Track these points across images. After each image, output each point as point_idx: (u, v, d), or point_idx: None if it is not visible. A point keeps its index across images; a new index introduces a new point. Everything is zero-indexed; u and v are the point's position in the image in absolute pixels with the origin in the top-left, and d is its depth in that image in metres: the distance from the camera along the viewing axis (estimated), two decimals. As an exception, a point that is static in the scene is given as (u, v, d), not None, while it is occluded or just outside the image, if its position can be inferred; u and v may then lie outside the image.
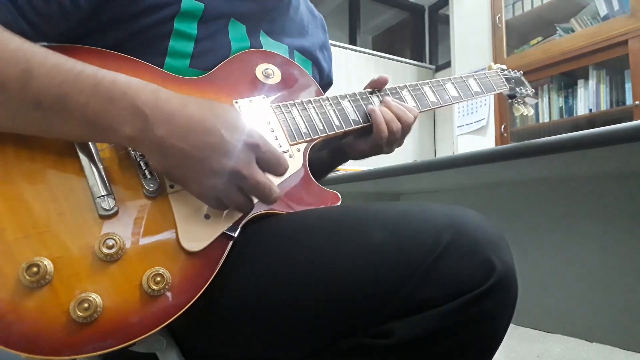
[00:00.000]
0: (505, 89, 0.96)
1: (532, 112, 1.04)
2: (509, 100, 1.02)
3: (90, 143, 0.50)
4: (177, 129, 0.47)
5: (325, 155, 0.84)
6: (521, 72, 1.04)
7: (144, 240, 0.49)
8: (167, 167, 0.49)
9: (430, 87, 0.81)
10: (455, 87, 0.84)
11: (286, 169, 0.53)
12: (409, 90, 0.78)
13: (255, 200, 0.53)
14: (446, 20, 3.65)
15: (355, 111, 0.70)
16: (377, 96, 0.74)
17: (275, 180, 0.58)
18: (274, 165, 0.52)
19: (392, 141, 0.73)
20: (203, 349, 0.54)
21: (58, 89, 0.45)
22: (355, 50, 3.59)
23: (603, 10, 2.54)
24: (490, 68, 0.99)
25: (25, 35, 0.48)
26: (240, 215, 0.54)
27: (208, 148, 0.48)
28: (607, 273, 1.44)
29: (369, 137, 0.73)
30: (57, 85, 0.46)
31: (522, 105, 1.02)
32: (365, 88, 0.77)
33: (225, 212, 0.53)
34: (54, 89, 0.45)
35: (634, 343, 1.39)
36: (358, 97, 0.72)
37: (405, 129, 0.73)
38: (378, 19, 4.63)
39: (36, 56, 0.46)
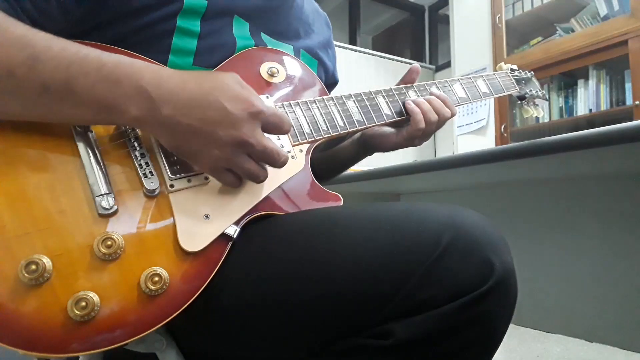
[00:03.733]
0: (514, 91, 0.93)
1: (542, 113, 1.02)
2: (519, 102, 0.99)
3: (92, 141, 0.50)
4: (181, 106, 0.48)
5: (350, 147, 0.85)
6: (532, 72, 1.00)
7: (142, 240, 0.49)
8: (176, 144, 0.50)
9: (437, 87, 0.80)
10: (463, 87, 0.83)
11: (290, 126, 0.55)
12: (415, 90, 0.77)
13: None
14: (446, 20, 3.65)
15: (359, 111, 0.70)
16: (383, 96, 0.74)
17: (278, 181, 0.58)
18: (278, 125, 0.53)
19: (429, 133, 0.75)
20: (202, 349, 0.54)
21: (65, 72, 0.46)
22: (355, 50, 3.59)
23: (603, 10, 2.54)
24: (500, 68, 0.96)
25: None
26: (242, 213, 0.54)
27: (213, 121, 0.49)
28: (607, 273, 1.44)
29: (403, 130, 0.75)
30: (64, 69, 0.46)
31: (532, 106, 0.99)
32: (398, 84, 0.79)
33: (225, 212, 0.53)
34: (60, 73, 0.46)
35: (634, 343, 1.39)
36: (363, 97, 0.72)
37: (442, 121, 0.75)
38: (378, 19, 4.63)
39: (42, 41, 0.46)
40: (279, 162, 0.53)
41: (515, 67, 0.98)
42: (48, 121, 0.49)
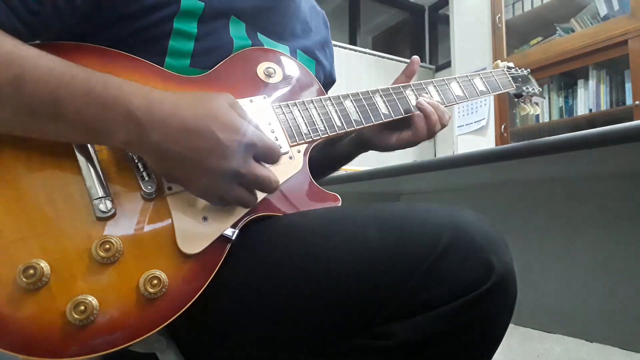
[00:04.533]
0: (511, 89, 0.93)
1: (538, 111, 1.01)
2: (515, 99, 0.99)
3: (89, 145, 0.50)
4: (171, 133, 0.47)
5: (347, 145, 0.85)
6: (528, 70, 1.00)
7: (141, 243, 0.49)
8: (165, 169, 0.49)
9: (434, 86, 0.80)
10: (460, 86, 0.83)
11: (280, 156, 0.53)
12: (412, 89, 0.77)
13: (259, 197, 0.54)
14: (446, 20, 3.64)
15: (357, 111, 0.70)
16: (380, 95, 0.74)
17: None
18: (270, 156, 0.52)
19: (431, 134, 0.75)
20: (202, 350, 0.54)
21: (51, 94, 0.45)
22: (355, 50, 3.58)
23: (603, 10, 2.53)
24: (497, 66, 0.96)
25: (20, 34, 0.48)
26: (240, 215, 0.54)
27: (204, 150, 0.48)
28: (607, 273, 1.44)
29: (404, 131, 0.75)
30: (51, 91, 0.45)
31: (529, 104, 0.99)
32: (394, 83, 0.79)
33: (224, 214, 0.53)
34: (47, 94, 0.45)
35: (634, 343, 1.39)
36: (360, 96, 0.71)
37: (443, 123, 0.76)
38: (378, 19, 4.63)
39: (29, 60, 0.46)
40: (270, 188, 0.52)
41: (511, 64, 0.98)
42: (37, 138, 0.48)
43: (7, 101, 0.45)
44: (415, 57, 0.81)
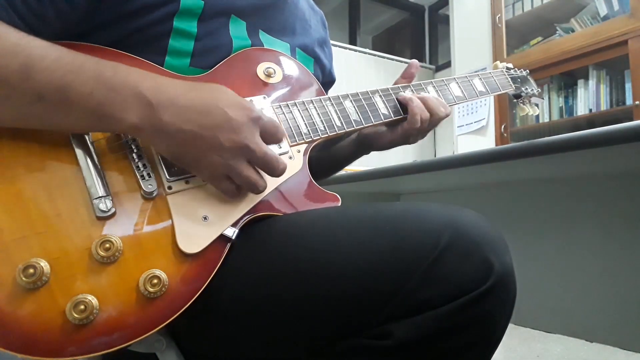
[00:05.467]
0: (510, 89, 0.94)
1: (537, 111, 1.02)
2: (515, 100, 1.00)
3: (89, 143, 0.50)
4: (181, 112, 0.48)
5: (347, 147, 0.85)
6: (527, 70, 1.01)
7: (141, 242, 0.49)
8: (176, 151, 0.50)
9: (434, 86, 0.80)
10: (459, 86, 0.83)
11: (283, 134, 0.56)
12: (412, 89, 0.77)
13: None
14: (446, 20, 3.65)
15: (357, 111, 0.70)
16: (380, 96, 0.74)
17: (276, 182, 0.58)
18: (274, 133, 0.54)
19: (424, 131, 0.75)
20: (203, 350, 0.54)
21: (60, 81, 0.46)
22: (355, 50, 3.58)
23: (603, 10, 2.53)
24: (496, 67, 0.97)
25: None
26: (240, 214, 0.54)
27: (214, 126, 0.49)
28: (607, 273, 1.44)
29: (398, 127, 0.75)
30: (59, 78, 0.46)
31: (528, 104, 1.00)
32: (395, 83, 0.79)
33: (224, 213, 0.53)
34: (56, 81, 0.46)
35: (634, 343, 1.39)
36: (360, 96, 0.72)
37: (435, 121, 0.75)
38: (378, 19, 4.63)
39: (37, 50, 0.46)
40: (278, 169, 0.53)
41: (510, 65, 0.98)
42: (43, 129, 0.48)
43: (15, 90, 0.45)
44: (414, 61, 0.81)
